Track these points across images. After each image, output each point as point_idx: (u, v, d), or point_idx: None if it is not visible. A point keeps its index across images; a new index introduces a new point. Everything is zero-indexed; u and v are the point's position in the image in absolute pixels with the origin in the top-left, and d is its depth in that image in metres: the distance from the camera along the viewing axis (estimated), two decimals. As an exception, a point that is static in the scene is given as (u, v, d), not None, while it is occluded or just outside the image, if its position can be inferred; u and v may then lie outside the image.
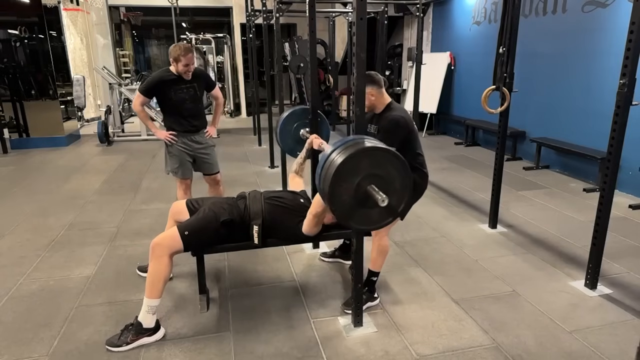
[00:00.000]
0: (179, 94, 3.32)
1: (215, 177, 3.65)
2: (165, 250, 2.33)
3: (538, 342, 2.32)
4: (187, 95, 3.35)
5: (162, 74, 3.34)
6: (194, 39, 9.94)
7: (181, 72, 3.26)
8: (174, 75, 3.29)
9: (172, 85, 3.30)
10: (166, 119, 3.48)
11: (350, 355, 2.25)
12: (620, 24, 4.49)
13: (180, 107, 3.36)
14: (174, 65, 3.26)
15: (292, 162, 4.37)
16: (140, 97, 3.36)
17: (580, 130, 5.34)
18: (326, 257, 3.27)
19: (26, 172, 5.92)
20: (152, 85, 3.33)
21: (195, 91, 3.39)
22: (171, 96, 3.31)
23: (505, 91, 3.39)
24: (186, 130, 3.43)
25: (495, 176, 3.74)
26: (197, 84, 3.39)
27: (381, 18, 6.08)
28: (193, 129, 3.45)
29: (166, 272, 2.34)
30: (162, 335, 2.38)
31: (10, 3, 7.17)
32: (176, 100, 3.33)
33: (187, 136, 3.45)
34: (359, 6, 2.03)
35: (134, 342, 2.30)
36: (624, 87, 2.46)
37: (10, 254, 3.42)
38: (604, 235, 2.73)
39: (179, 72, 3.26)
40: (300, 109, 3.36)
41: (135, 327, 2.32)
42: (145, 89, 3.35)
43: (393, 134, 2.47)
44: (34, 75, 7.32)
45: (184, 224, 2.45)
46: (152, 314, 2.33)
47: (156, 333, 2.36)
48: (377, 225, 2.16)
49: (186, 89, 3.34)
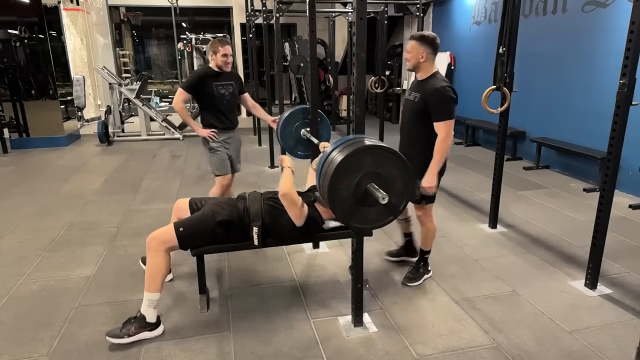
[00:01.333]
0: (220, 90, 3.40)
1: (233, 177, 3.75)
2: (160, 244, 2.34)
3: (538, 342, 2.32)
4: (226, 91, 3.44)
5: (203, 70, 3.49)
6: (194, 39, 9.92)
7: (221, 65, 3.35)
8: (214, 71, 3.39)
9: (214, 80, 3.37)
10: (206, 116, 3.52)
11: (350, 355, 2.25)
12: (620, 24, 4.49)
13: (220, 103, 3.44)
14: (213, 60, 3.35)
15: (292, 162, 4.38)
16: (182, 93, 3.38)
17: (580, 130, 5.34)
18: (392, 256, 3.25)
19: (26, 172, 5.92)
20: (194, 81, 3.39)
21: (233, 89, 3.49)
22: (213, 92, 3.37)
23: (506, 91, 3.39)
24: (225, 127, 3.51)
25: (495, 176, 3.74)
26: (235, 82, 3.51)
27: (381, 18, 6.08)
28: (231, 126, 3.54)
29: (164, 267, 2.35)
30: (161, 332, 2.39)
31: (10, 3, 7.17)
32: (217, 97, 3.40)
33: (226, 133, 3.52)
34: (359, 6, 2.03)
35: (135, 335, 2.31)
36: (624, 87, 2.46)
37: (10, 254, 3.42)
38: (604, 235, 2.73)
39: (219, 65, 3.35)
40: (301, 109, 3.36)
41: (138, 320, 2.33)
42: (188, 85, 3.40)
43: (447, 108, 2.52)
44: (34, 75, 7.32)
45: (181, 220, 2.47)
46: (153, 308, 2.35)
47: (157, 329, 2.37)
48: (377, 225, 2.16)
49: (226, 85, 3.43)
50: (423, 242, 2.97)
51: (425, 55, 2.56)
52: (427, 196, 2.75)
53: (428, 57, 2.57)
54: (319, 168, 2.09)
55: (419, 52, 2.56)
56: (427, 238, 2.95)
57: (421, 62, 2.58)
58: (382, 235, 3.63)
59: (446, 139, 2.56)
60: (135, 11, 11.76)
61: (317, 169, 2.13)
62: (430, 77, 2.61)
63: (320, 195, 2.17)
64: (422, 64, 2.60)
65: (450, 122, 2.55)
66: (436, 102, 2.53)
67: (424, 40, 2.57)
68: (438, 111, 2.54)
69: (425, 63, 2.59)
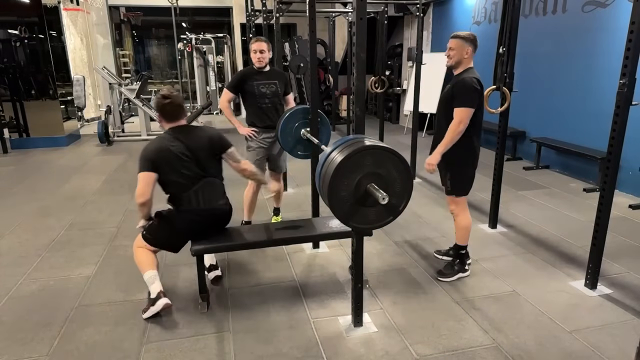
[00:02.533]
0: (261, 89, 3.46)
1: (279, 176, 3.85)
2: (138, 244, 2.63)
3: (538, 342, 2.32)
4: (268, 90, 3.48)
5: (245, 69, 3.66)
6: (194, 39, 9.93)
7: (255, 62, 3.42)
8: (254, 70, 3.48)
9: (253, 79, 3.45)
10: (248, 114, 3.60)
11: (350, 355, 2.24)
12: (620, 24, 4.49)
13: (260, 101, 3.49)
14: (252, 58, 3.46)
15: (292, 162, 4.38)
16: (227, 93, 3.52)
17: (580, 130, 5.34)
18: (440, 254, 3.31)
19: (26, 172, 5.92)
20: (236, 80, 3.54)
21: (276, 88, 3.53)
22: (253, 90, 3.44)
23: (506, 91, 3.39)
24: (266, 126, 3.52)
25: (495, 176, 3.74)
26: (279, 82, 3.55)
27: (381, 18, 6.07)
28: (272, 124, 3.51)
29: (148, 257, 2.58)
30: (161, 306, 2.47)
31: (10, 3, 7.17)
32: (257, 95, 3.46)
33: (267, 132, 3.54)
34: (359, 6, 2.03)
35: (146, 312, 2.53)
36: (624, 87, 2.46)
37: (10, 254, 3.42)
38: (604, 235, 2.73)
39: (254, 62, 3.42)
40: (301, 109, 3.36)
41: (149, 299, 2.55)
42: (231, 85, 3.54)
43: (467, 95, 2.66)
44: (34, 75, 7.33)
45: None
46: (151, 284, 2.52)
47: (156, 303, 2.49)
48: (377, 225, 2.16)
49: (267, 84, 3.48)
50: (458, 238, 3.02)
51: (469, 52, 2.75)
52: (456, 187, 2.87)
53: (470, 54, 2.76)
54: (318, 169, 2.10)
55: (464, 49, 2.75)
56: (460, 232, 2.99)
57: (464, 59, 2.76)
58: (382, 235, 3.64)
59: (459, 125, 2.68)
60: (135, 11, 11.76)
61: (316, 170, 2.13)
62: (465, 71, 2.77)
63: (320, 195, 2.17)
64: (464, 60, 2.77)
65: (467, 110, 2.66)
66: (459, 89, 2.70)
67: (467, 39, 2.75)
68: (458, 97, 2.69)
69: (467, 59, 2.77)
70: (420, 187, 5.09)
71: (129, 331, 2.44)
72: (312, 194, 3.44)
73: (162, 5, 9.80)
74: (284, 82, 3.61)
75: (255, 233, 2.83)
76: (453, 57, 2.78)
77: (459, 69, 2.79)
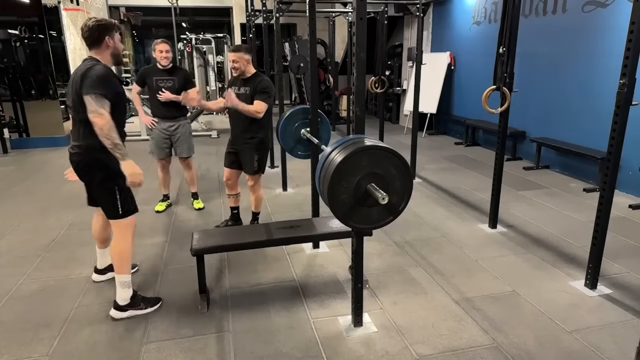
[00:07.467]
0: (159, 84, 3.95)
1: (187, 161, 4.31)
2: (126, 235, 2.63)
3: (538, 342, 2.32)
4: (165, 85, 3.95)
5: (147, 67, 4.17)
6: (194, 39, 9.93)
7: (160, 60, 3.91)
8: (156, 67, 4.00)
9: (152, 76, 3.98)
10: (150, 106, 4.17)
11: (350, 355, 2.25)
12: (620, 24, 4.49)
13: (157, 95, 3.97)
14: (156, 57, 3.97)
15: (292, 162, 4.37)
16: (135, 87, 4.18)
17: (580, 130, 5.34)
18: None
19: (26, 172, 5.92)
20: (138, 76, 4.14)
21: (174, 83, 3.97)
22: (152, 85, 3.97)
23: (506, 91, 3.39)
24: (164, 117, 4.07)
25: (495, 176, 3.73)
26: (177, 78, 3.99)
27: (381, 18, 6.07)
28: (170, 115, 4.05)
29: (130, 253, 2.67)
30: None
31: (10, 3, 7.17)
32: (155, 89, 3.95)
33: (165, 121, 4.08)
34: (359, 6, 2.03)
35: (142, 311, 2.59)
36: (624, 87, 2.46)
37: (10, 254, 3.42)
38: (604, 235, 2.73)
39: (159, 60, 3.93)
40: (301, 109, 3.36)
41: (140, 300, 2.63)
42: (137, 80, 4.17)
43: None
44: (34, 75, 7.33)
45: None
46: (128, 287, 2.59)
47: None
48: (377, 225, 2.16)
49: (165, 80, 3.96)
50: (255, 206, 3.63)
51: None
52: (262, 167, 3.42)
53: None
54: (318, 170, 2.10)
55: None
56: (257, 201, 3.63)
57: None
58: (382, 235, 3.64)
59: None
60: (135, 11, 11.75)
61: (316, 170, 2.13)
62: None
63: (320, 195, 2.17)
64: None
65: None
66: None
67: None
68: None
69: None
70: (420, 187, 5.09)
71: (129, 331, 2.44)
72: (312, 194, 3.44)
73: (162, 5, 9.81)
74: (184, 78, 4.04)
75: (255, 233, 2.83)
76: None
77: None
